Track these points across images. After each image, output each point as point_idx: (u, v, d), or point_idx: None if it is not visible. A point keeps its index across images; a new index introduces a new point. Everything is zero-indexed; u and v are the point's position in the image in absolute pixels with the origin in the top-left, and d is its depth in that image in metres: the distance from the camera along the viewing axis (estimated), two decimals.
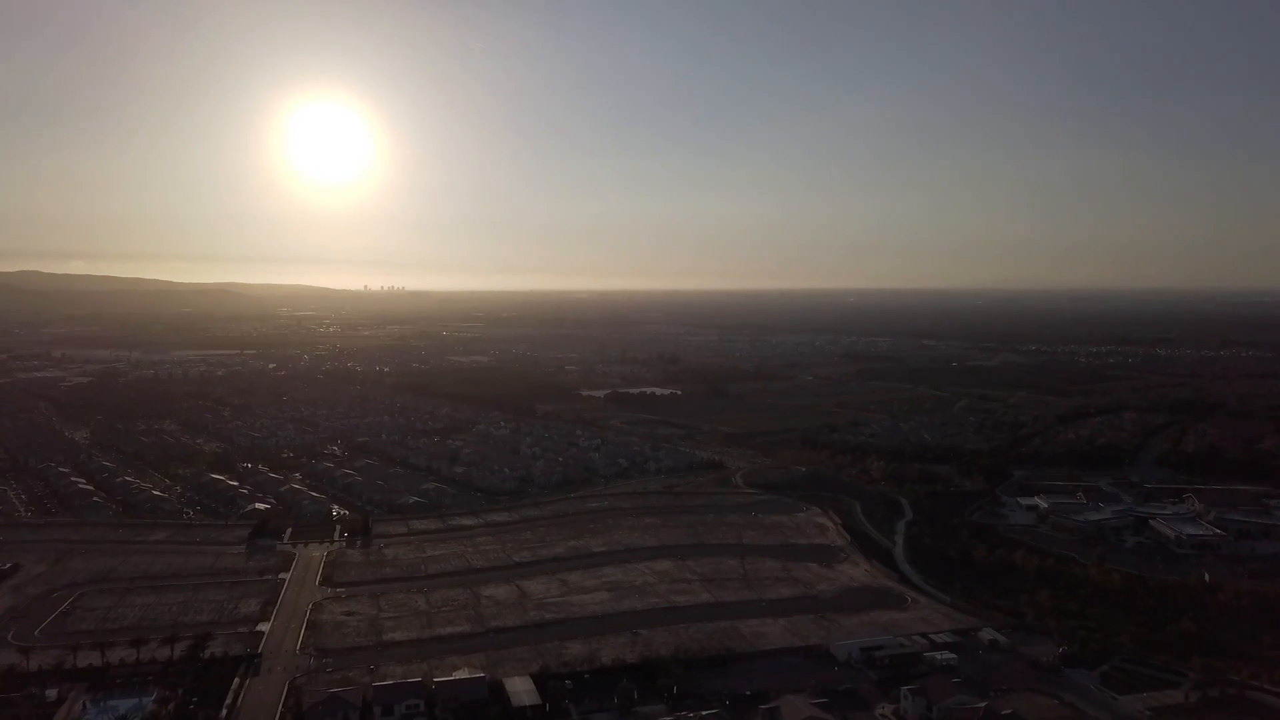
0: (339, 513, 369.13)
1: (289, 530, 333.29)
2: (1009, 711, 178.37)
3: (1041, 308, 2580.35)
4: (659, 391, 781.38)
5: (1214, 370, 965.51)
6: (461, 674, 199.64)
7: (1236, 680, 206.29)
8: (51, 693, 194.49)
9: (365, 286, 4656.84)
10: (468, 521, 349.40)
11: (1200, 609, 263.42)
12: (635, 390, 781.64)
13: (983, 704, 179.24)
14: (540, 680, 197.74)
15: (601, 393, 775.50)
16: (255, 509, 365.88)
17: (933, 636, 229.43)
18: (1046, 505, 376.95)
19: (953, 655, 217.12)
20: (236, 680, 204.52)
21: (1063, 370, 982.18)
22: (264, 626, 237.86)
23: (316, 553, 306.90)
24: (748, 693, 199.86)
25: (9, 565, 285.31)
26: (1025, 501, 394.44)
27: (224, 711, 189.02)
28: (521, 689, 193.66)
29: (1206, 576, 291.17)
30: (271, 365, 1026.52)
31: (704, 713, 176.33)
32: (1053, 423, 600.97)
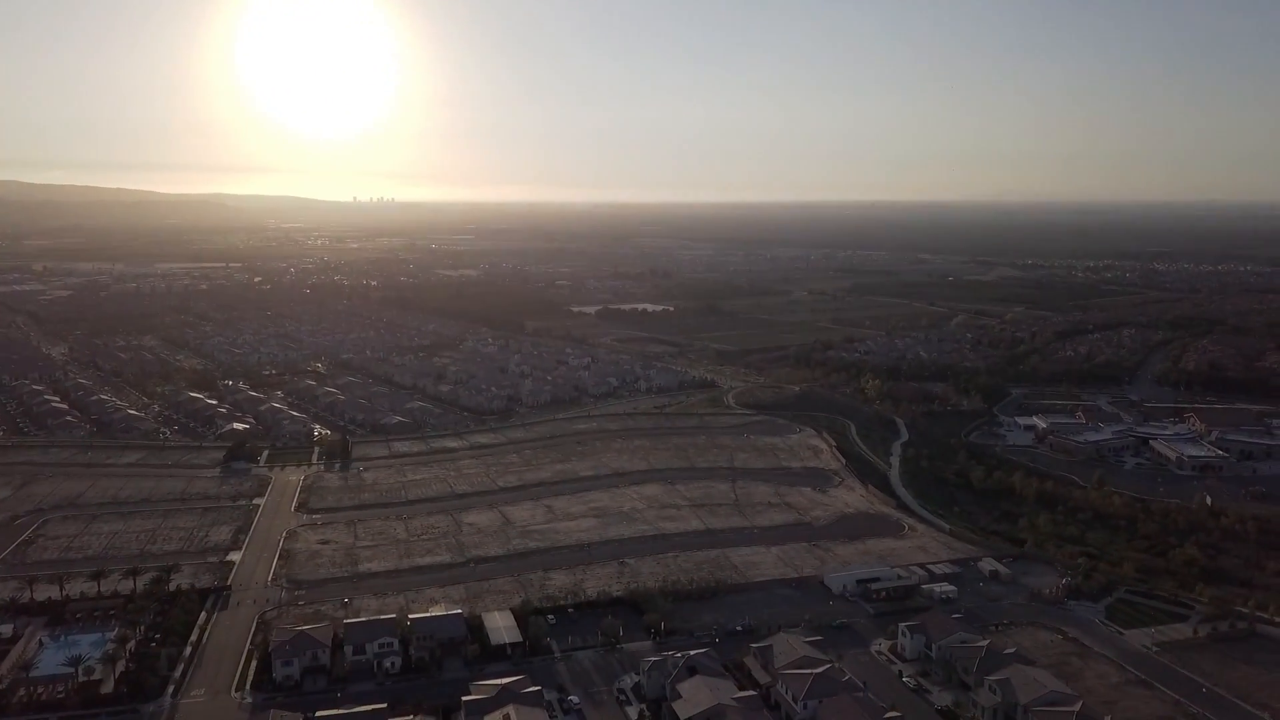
0: (320, 433, 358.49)
1: (266, 452, 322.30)
2: (1011, 650, 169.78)
3: (1038, 221, 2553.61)
4: (651, 308, 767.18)
5: (1213, 285, 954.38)
6: (438, 610, 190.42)
7: (1245, 613, 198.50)
8: (5, 628, 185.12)
9: (354, 198, 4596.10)
10: (451, 444, 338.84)
11: (1203, 533, 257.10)
12: (627, 306, 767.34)
13: (984, 642, 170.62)
14: (521, 615, 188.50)
15: (592, 309, 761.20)
16: (233, 429, 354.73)
17: (931, 567, 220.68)
18: (1045, 425, 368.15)
19: (952, 588, 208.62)
20: (203, 614, 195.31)
21: (1060, 285, 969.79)
22: (235, 556, 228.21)
23: (293, 476, 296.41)
24: (739, 628, 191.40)
25: None
26: (1024, 421, 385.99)
27: (188, 649, 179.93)
28: (501, 625, 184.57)
29: (1209, 499, 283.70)
30: (257, 279, 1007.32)
31: (692, 652, 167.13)
32: (1051, 339, 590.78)
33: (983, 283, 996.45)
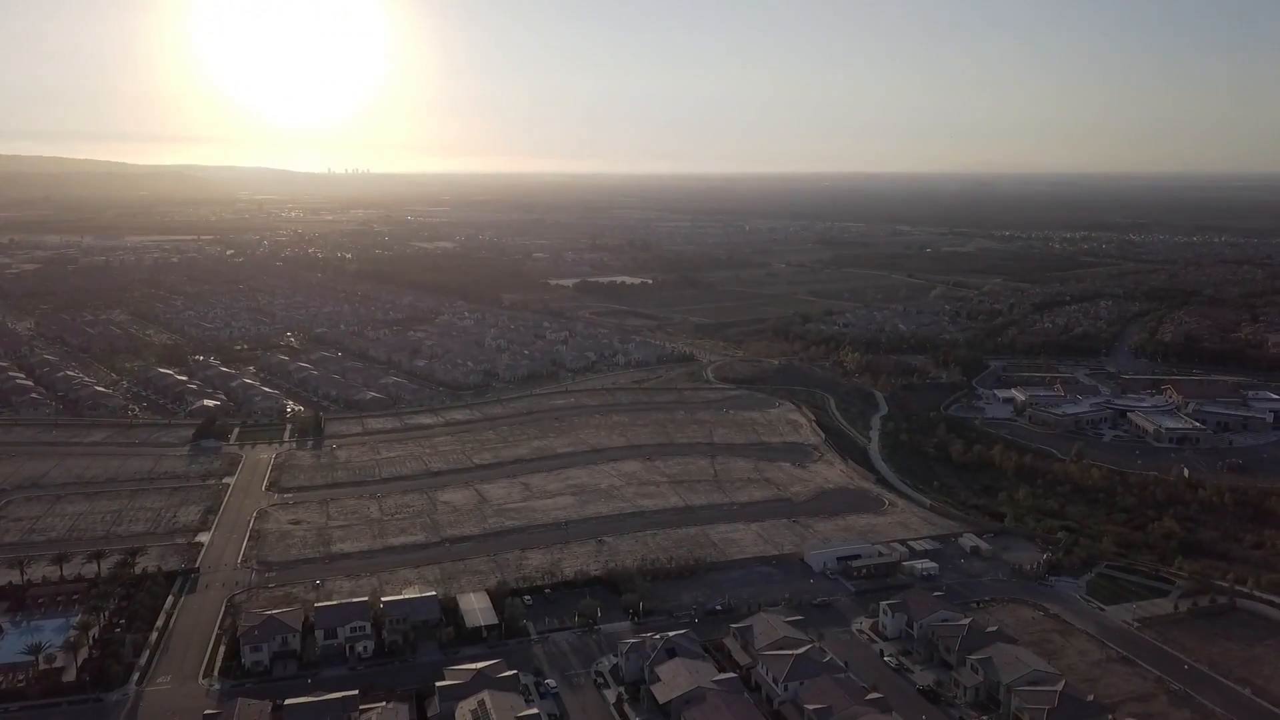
0: (292, 409, 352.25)
1: (236, 430, 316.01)
2: (993, 628, 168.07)
3: (1014, 192, 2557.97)
4: (629, 280, 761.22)
5: (1188, 256, 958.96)
6: (412, 592, 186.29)
7: (1225, 587, 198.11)
8: None
9: (329, 169, 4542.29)
10: (426, 420, 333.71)
11: (1181, 506, 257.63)
12: (605, 279, 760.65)
13: (966, 620, 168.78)
14: (497, 597, 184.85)
15: (570, 281, 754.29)
16: (203, 406, 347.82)
17: (912, 544, 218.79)
18: (1024, 398, 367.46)
19: (933, 564, 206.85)
20: (170, 598, 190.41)
21: (1037, 257, 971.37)
22: (204, 537, 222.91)
23: (265, 454, 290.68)
24: (718, 608, 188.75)
25: None
26: (1002, 394, 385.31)
27: (154, 634, 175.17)
28: (477, 607, 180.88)
29: (1186, 472, 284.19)
30: (229, 252, 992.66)
31: (671, 633, 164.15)
32: (1029, 311, 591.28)
33: (960, 254, 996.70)
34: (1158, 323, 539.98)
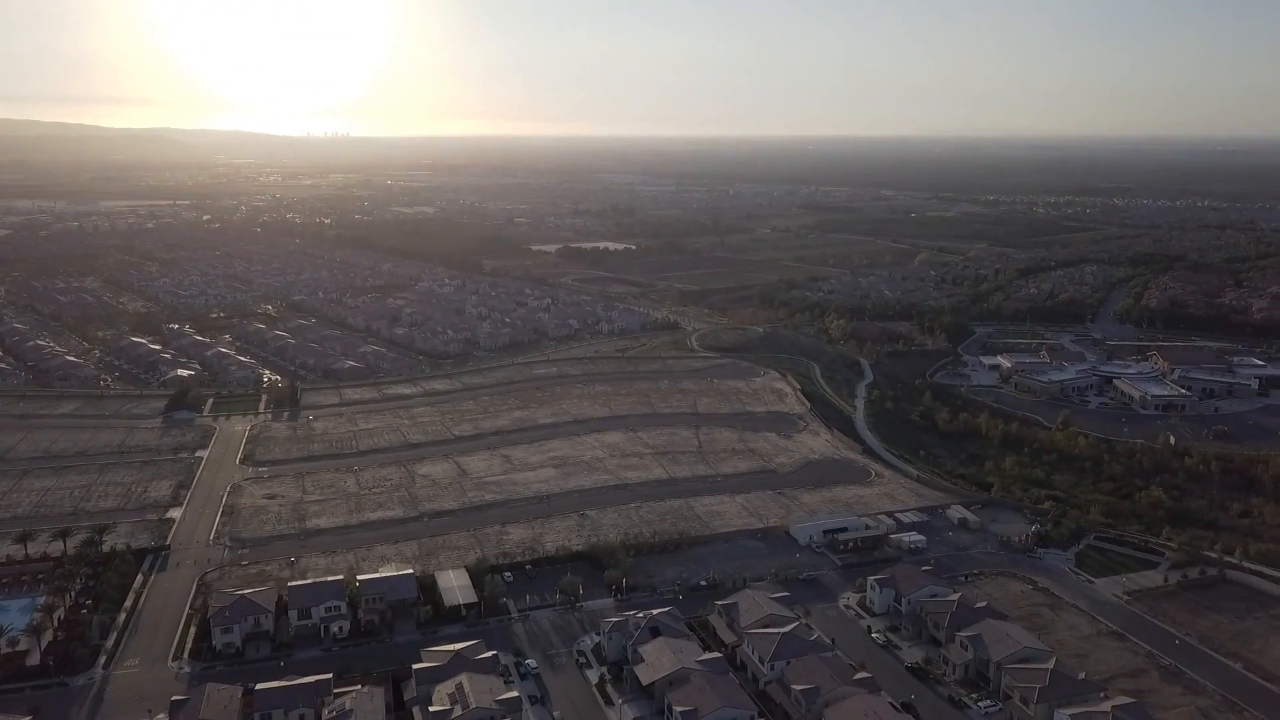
0: (269, 379, 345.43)
1: (210, 401, 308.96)
2: (983, 603, 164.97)
3: (998, 156, 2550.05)
4: (613, 246, 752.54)
5: (1172, 221, 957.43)
6: (389, 569, 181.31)
7: (1213, 558, 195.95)
8: None
9: (308, 133, 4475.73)
10: (405, 390, 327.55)
11: (1168, 474, 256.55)
12: (588, 245, 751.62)
13: (955, 596, 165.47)
14: (477, 574, 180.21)
15: (552, 247, 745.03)
16: (177, 376, 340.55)
17: (899, 516, 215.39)
18: (1010, 365, 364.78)
19: (920, 537, 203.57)
20: (140, 577, 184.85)
21: (1021, 221, 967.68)
22: (175, 513, 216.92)
23: (239, 426, 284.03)
24: (703, 583, 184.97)
25: None
26: (988, 361, 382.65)
27: (122, 615, 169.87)
28: (455, 584, 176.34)
29: (1172, 439, 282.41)
30: (205, 217, 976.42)
31: (654, 611, 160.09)
32: (1014, 277, 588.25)
33: (945, 219, 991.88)
34: (1143, 288, 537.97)
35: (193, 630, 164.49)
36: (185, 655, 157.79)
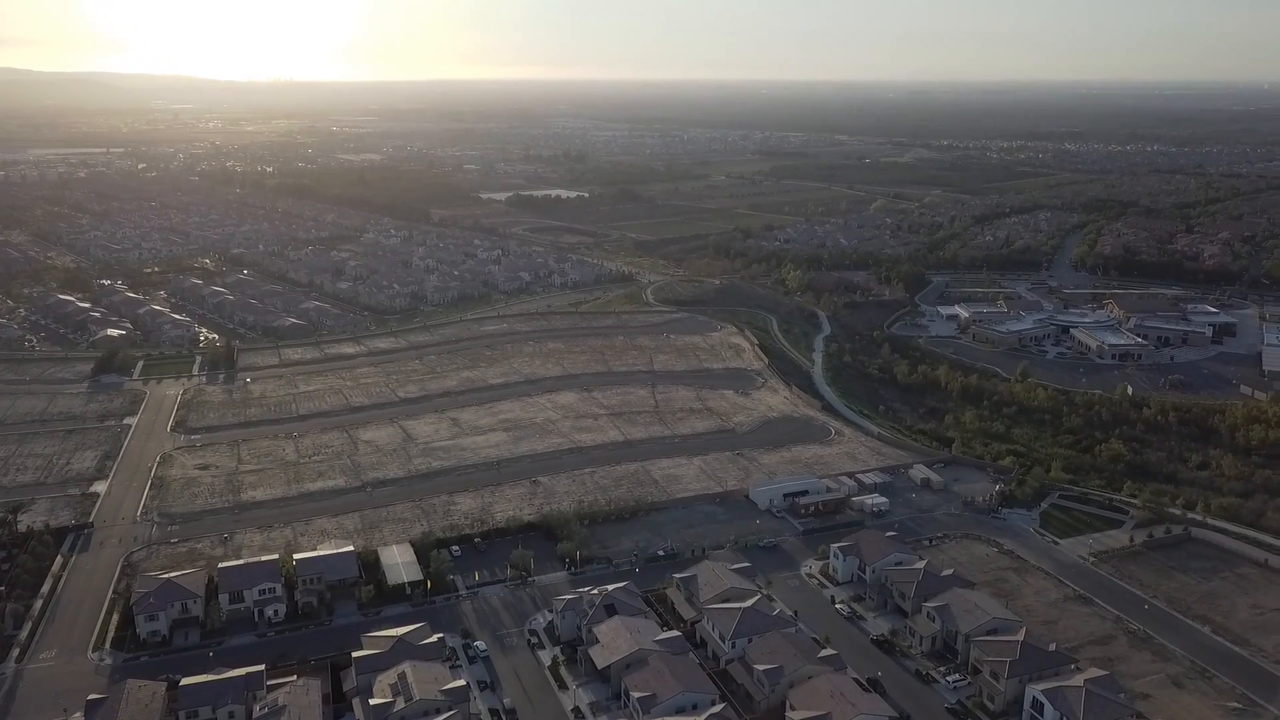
0: (205, 338, 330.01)
1: (140, 363, 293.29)
2: (949, 571, 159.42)
3: (949, 101, 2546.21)
4: (565, 194, 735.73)
5: (1123, 166, 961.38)
6: (327, 547, 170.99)
7: (1177, 515, 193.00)
8: None
9: (250, 77, 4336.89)
10: (349, 349, 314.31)
11: (1126, 426, 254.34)
12: (539, 193, 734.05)
13: (921, 564, 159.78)
14: (422, 549, 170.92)
15: (503, 196, 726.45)
16: (107, 336, 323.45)
17: (861, 477, 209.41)
18: (968, 315, 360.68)
19: (883, 499, 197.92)
20: (59, 559, 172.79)
21: (975, 167, 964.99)
22: (99, 487, 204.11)
23: (171, 390, 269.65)
24: (660, 553, 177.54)
25: None
26: (946, 311, 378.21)
27: (39, 602, 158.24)
28: (400, 561, 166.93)
29: (1129, 390, 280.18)
30: (141, 166, 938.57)
31: (610, 587, 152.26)
32: (970, 224, 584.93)
33: (899, 164, 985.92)
34: (1096, 235, 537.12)
35: (115, 618, 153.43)
36: (107, 645, 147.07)
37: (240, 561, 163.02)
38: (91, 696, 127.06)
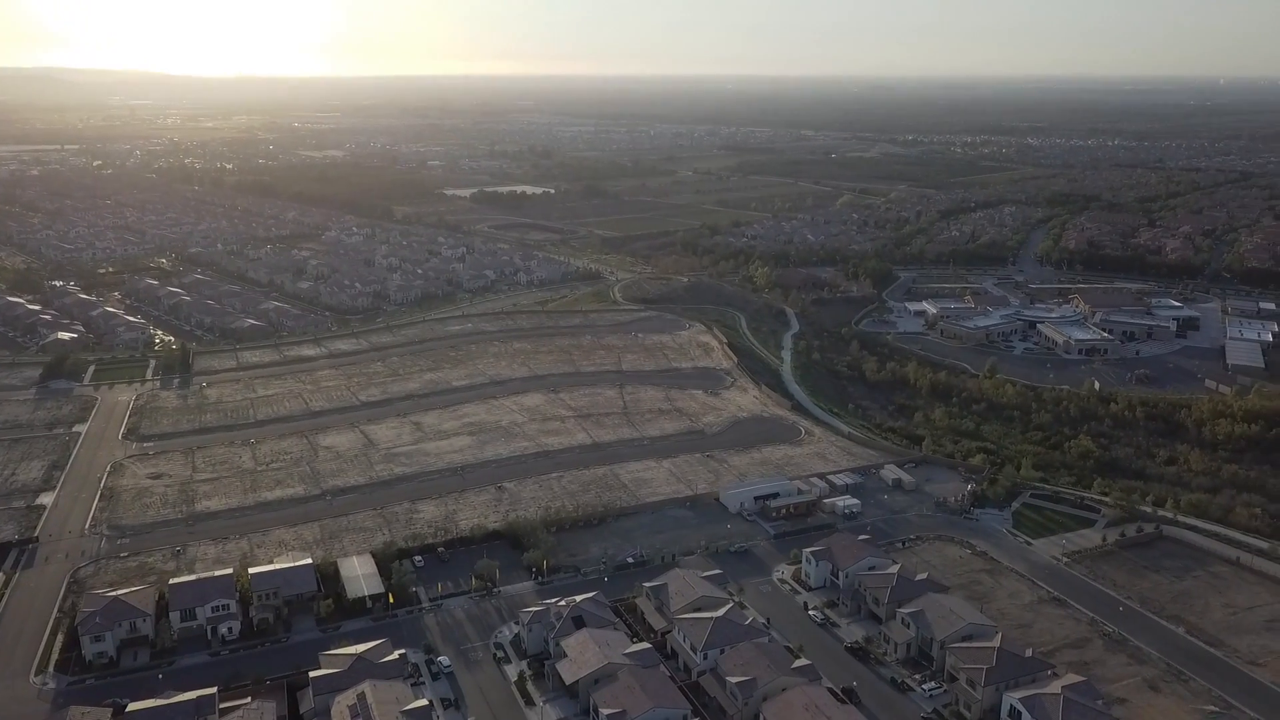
0: (161, 341, 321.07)
1: (91, 368, 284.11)
2: (924, 576, 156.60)
3: (913, 96, 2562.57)
4: (531, 190, 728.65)
5: (1085, 160, 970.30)
6: (285, 561, 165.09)
7: (1149, 513, 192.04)
8: None
9: (210, 73, 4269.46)
10: (309, 352, 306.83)
11: (1095, 421, 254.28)
12: (505, 189, 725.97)
13: (894, 568, 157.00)
14: (384, 559, 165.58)
15: (467, 192, 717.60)
16: (58, 339, 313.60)
17: (832, 478, 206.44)
18: (935, 311, 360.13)
19: (855, 501, 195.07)
20: (1, 576, 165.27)
21: (940, 162, 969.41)
22: (46, 499, 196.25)
23: (123, 396, 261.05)
24: (629, 560, 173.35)
25: None
26: (913, 307, 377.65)
27: None
28: (360, 573, 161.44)
29: (1097, 385, 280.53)
30: (96, 163, 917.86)
31: (578, 598, 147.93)
32: (935, 219, 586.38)
33: (865, 159, 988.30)
34: (1061, 229, 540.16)
35: (60, 638, 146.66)
36: (50, 669, 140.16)
37: (193, 577, 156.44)
38: None
